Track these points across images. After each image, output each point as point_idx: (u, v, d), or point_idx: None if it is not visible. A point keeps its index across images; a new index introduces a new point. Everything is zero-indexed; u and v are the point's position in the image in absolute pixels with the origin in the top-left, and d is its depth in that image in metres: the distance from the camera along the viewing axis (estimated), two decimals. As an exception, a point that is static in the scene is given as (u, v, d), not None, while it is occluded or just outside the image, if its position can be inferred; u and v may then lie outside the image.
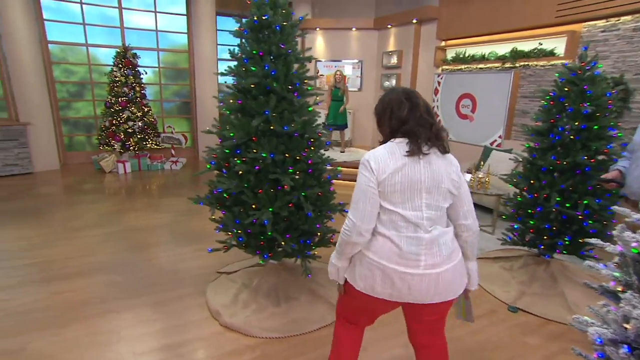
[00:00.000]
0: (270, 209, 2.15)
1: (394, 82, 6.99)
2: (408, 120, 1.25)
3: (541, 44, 4.66)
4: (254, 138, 2.21)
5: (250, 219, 2.14)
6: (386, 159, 1.24)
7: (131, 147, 6.02)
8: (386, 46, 7.13)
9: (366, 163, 1.26)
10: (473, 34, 5.47)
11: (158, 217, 4.11)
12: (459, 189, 1.29)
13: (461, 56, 5.73)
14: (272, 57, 2.21)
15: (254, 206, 2.21)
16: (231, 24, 7.62)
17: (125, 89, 5.93)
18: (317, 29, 7.40)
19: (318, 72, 7.53)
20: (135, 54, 6.08)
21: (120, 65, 5.94)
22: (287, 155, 2.20)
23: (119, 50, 5.95)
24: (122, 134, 5.93)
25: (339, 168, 2.44)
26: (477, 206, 4.25)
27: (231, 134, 2.11)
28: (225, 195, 2.33)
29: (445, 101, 6.25)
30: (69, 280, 2.76)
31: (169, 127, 6.42)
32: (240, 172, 2.12)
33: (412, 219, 1.23)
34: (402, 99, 1.28)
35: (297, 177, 2.18)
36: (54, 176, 5.77)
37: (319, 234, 2.41)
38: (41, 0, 5.92)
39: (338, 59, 7.55)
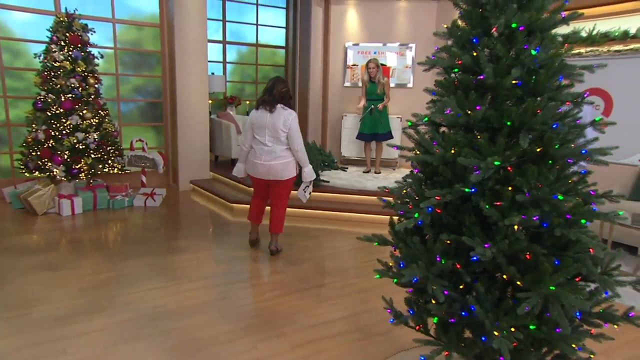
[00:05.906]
0: (552, 287, 1.78)
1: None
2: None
3: None
4: (509, 168, 1.86)
5: (522, 307, 1.73)
6: (255, 113, 4.08)
7: (82, 174, 5.25)
8: (450, 22, 7.14)
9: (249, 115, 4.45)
10: (609, 1, 5.36)
11: (186, 290, 3.47)
12: (288, 131, 3.93)
13: (584, 35, 5.74)
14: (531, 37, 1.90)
15: (518, 283, 1.82)
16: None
17: (72, 80, 5.21)
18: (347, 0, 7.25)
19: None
20: (86, 25, 5.43)
21: (63, 43, 5.25)
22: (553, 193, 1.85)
23: (59, 18, 5.25)
24: (66, 152, 5.16)
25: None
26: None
27: (496, 163, 1.72)
28: (443, 261, 1.92)
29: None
30: None
31: (139, 142, 5.73)
32: (516, 227, 1.73)
33: (262, 141, 3.99)
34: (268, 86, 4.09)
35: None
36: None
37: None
38: None
39: (379, 41, 7.43)
